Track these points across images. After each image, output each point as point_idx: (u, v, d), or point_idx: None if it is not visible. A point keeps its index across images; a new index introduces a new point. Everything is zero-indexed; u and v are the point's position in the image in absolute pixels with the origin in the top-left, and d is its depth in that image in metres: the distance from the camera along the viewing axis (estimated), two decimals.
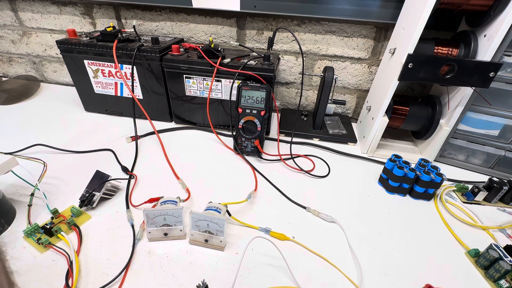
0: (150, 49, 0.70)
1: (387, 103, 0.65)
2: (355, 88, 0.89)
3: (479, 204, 0.60)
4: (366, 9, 0.71)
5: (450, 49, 0.61)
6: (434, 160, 0.73)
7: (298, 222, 0.53)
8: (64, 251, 0.43)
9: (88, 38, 0.75)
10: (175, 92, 0.76)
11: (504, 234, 0.54)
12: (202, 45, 0.72)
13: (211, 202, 0.50)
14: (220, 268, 0.44)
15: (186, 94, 0.76)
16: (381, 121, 0.68)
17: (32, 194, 0.52)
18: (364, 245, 0.49)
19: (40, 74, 1.06)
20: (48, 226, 0.46)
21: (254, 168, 0.66)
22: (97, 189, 0.52)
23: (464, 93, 0.61)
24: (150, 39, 0.76)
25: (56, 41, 0.73)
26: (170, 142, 0.74)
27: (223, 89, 0.73)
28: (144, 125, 0.77)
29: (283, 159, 0.70)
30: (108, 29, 0.72)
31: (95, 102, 0.83)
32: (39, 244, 0.44)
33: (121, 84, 0.78)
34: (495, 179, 0.59)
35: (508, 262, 0.43)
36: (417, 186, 0.59)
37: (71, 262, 0.42)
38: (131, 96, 0.75)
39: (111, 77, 0.77)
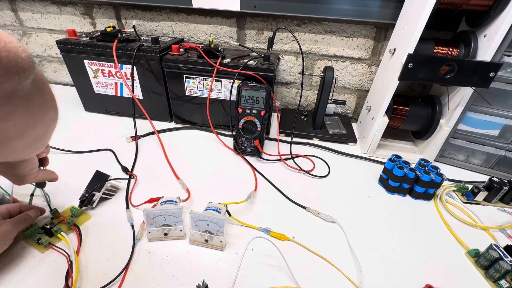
0: (150, 49, 0.70)
1: (387, 103, 0.65)
2: (355, 88, 0.88)
3: (479, 204, 0.60)
4: (366, 9, 0.71)
5: (450, 49, 0.61)
6: (434, 160, 0.73)
7: (298, 222, 0.53)
8: (64, 251, 0.43)
9: (88, 38, 0.75)
10: (175, 92, 0.76)
11: (504, 234, 0.54)
12: (202, 45, 0.72)
13: (211, 202, 0.50)
14: (220, 268, 0.44)
15: (186, 94, 0.76)
16: (381, 121, 0.68)
17: (32, 195, 0.51)
18: (364, 245, 0.49)
19: None
20: (48, 227, 0.46)
21: (254, 168, 0.66)
22: (97, 189, 0.52)
23: (464, 93, 0.61)
24: (150, 39, 0.76)
25: (56, 41, 0.73)
26: (170, 142, 0.74)
27: (223, 89, 0.73)
28: (144, 125, 0.77)
29: (283, 159, 0.70)
30: (108, 29, 0.72)
31: (95, 102, 0.83)
32: (39, 244, 0.44)
33: (121, 84, 0.78)
34: (495, 179, 0.59)
35: (508, 262, 0.43)
36: (417, 186, 0.59)
37: (71, 262, 0.42)
38: (131, 96, 0.75)
39: (111, 77, 0.77)
